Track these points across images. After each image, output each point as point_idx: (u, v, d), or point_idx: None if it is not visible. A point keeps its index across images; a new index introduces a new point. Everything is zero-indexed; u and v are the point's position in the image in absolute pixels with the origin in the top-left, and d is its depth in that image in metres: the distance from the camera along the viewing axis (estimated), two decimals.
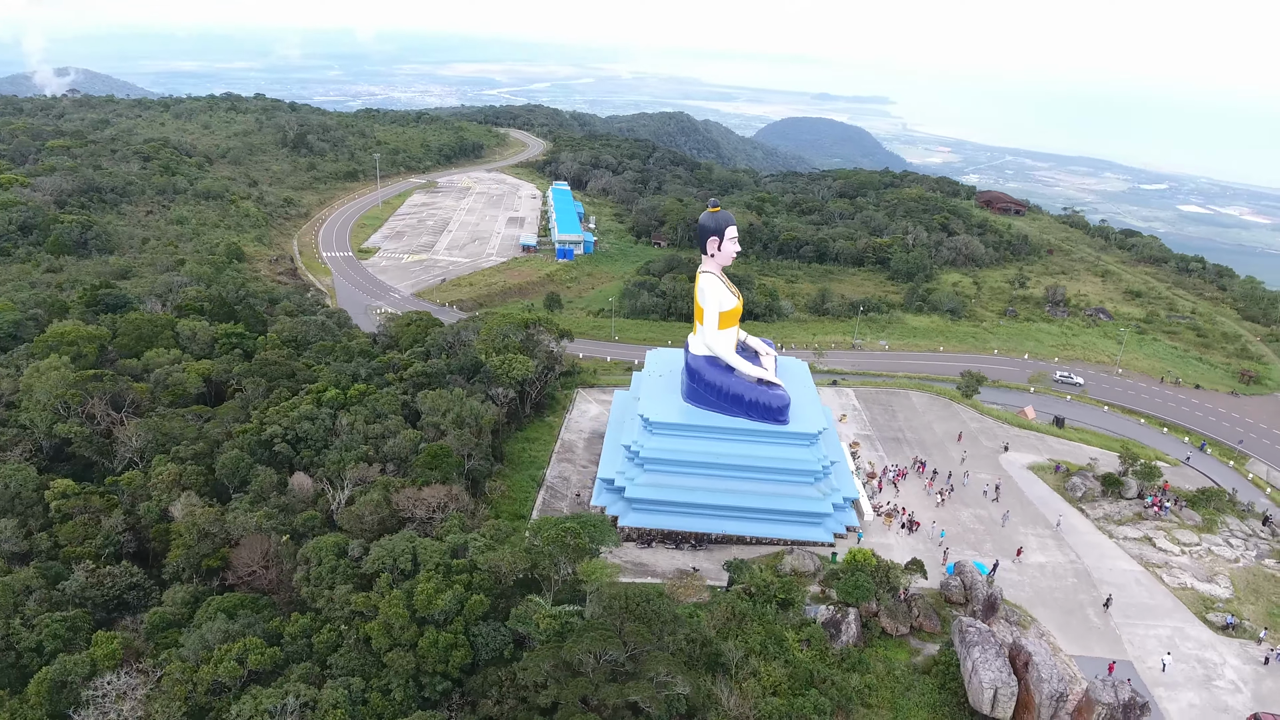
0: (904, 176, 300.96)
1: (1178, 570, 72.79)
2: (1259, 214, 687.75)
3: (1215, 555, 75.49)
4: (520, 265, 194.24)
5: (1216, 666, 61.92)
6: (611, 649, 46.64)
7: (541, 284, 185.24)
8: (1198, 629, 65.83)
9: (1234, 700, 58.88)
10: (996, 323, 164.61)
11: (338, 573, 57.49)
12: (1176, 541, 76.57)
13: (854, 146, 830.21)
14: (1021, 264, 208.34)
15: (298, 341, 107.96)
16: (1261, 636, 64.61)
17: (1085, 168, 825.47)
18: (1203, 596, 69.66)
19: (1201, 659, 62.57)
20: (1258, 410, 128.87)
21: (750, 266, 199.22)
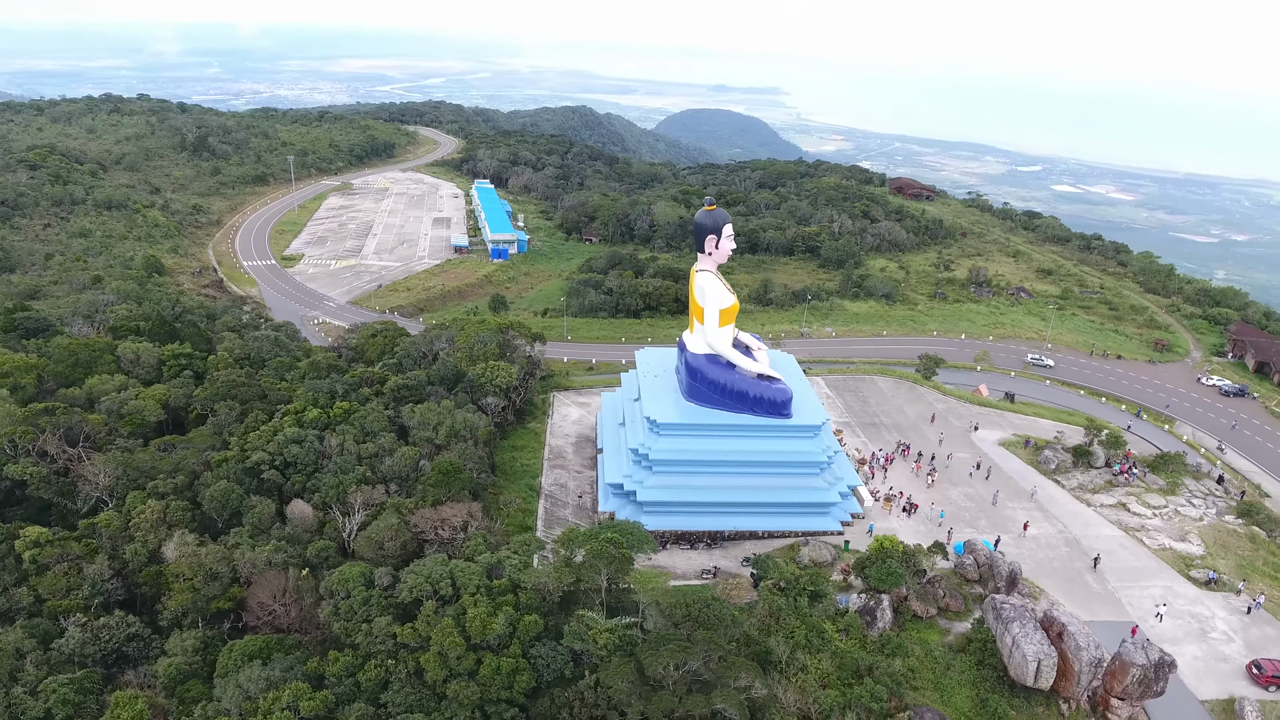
0: (818, 166, 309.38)
1: (1154, 532, 78.02)
2: (1123, 191, 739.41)
3: (1182, 515, 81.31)
4: (455, 267, 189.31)
5: (1208, 620, 66.77)
6: (692, 659, 46.25)
7: (480, 285, 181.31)
8: (1184, 586, 70.79)
9: (1229, 650, 63.66)
10: (929, 305, 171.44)
11: (371, 604, 54.67)
12: (1147, 505, 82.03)
13: (752, 137, 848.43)
14: (940, 248, 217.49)
15: (251, 359, 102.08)
16: (1240, 589, 70.05)
17: (968, 152, 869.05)
18: (1181, 555, 74.92)
19: (1194, 614, 67.34)
20: (1174, 376, 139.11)
21: (683, 259, 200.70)
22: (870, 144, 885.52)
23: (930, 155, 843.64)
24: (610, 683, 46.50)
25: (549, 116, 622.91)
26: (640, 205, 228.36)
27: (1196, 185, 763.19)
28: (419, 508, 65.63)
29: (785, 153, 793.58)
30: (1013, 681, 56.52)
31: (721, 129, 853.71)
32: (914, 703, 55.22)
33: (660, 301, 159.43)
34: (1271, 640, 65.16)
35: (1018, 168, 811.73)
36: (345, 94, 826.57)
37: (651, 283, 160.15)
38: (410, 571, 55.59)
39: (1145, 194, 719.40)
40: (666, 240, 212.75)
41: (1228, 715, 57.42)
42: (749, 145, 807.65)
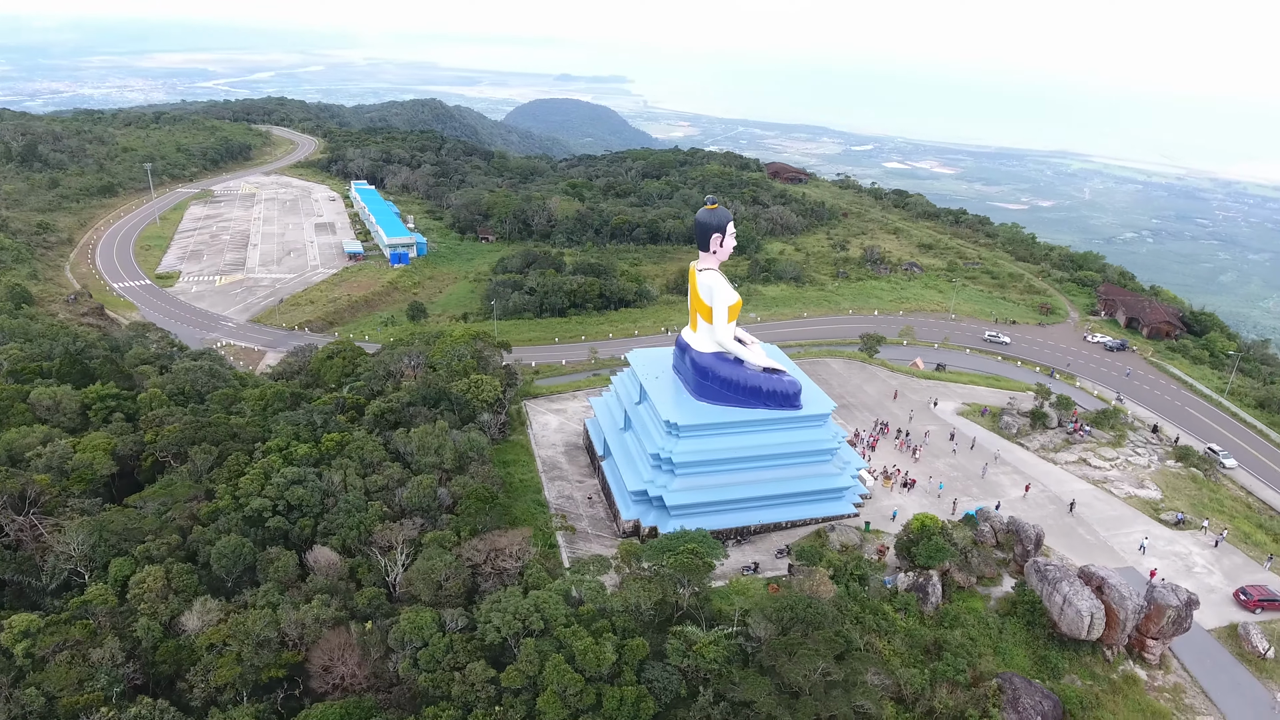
0: (694, 154, 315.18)
1: (1117, 482, 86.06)
2: (945, 166, 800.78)
3: (1133, 464, 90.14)
4: (355, 275, 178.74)
5: (1187, 557, 74.60)
6: (825, 661, 46.62)
7: (387, 293, 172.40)
8: (1158, 528, 78.66)
9: (1212, 581, 71.48)
10: (836, 285, 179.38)
11: (456, 650, 51.27)
12: (1104, 459, 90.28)
13: (602, 125, 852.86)
14: (826, 229, 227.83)
15: (187, 394, 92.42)
16: (1205, 525, 78.65)
17: (806, 134, 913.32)
18: (1146, 501, 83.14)
19: (1175, 553, 75.03)
20: (1062, 336, 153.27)
21: (588, 254, 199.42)
22: (715, 129, 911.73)
23: (771, 138, 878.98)
24: (748, 696, 46.11)
25: (398, 111, 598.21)
26: (535, 201, 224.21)
27: (1006, 158, 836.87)
28: (463, 539, 62.00)
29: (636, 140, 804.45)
30: (1063, 636, 60.94)
31: (571, 118, 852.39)
32: (983, 669, 58.36)
33: (586, 298, 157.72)
34: (1241, 568, 73.76)
35: (851, 147, 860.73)
36: (162, 91, 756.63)
37: (575, 280, 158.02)
38: (492, 609, 52.49)
39: (964, 167, 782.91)
40: (567, 235, 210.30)
41: (1233, 639, 64.62)
42: (600, 134, 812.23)
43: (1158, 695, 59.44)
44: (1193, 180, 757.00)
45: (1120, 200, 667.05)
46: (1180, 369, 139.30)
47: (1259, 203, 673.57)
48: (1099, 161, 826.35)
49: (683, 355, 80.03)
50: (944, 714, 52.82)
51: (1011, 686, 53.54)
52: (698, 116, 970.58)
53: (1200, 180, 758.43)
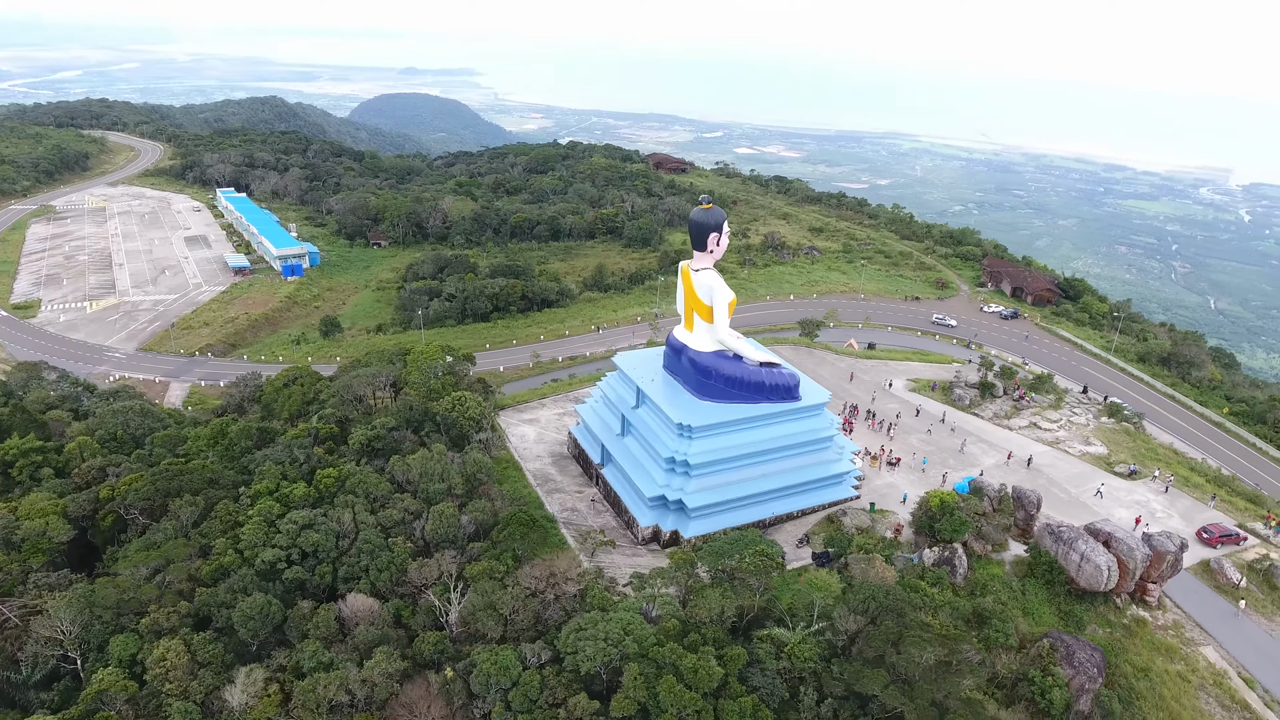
0: (574, 148, 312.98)
1: (1068, 442, 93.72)
2: (791, 149, 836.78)
3: (1075, 424, 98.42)
4: (246, 292, 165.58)
5: (1146, 504, 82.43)
6: (930, 648, 48.17)
7: (287, 309, 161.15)
8: (1116, 481, 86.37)
9: (1173, 524, 79.36)
10: (746, 272, 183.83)
11: (551, 685, 49.03)
12: (1050, 421, 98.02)
13: (454, 120, 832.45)
14: None
15: (120, 439, 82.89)
16: (1155, 475, 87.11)
17: (658, 123, 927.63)
18: (1097, 456, 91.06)
19: (1135, 501, 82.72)
20: (961, 308, 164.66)
21: (491, 254, 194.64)
22: (569, 120, 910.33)
23: (625, 127, 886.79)
24: (868, 689, 46.93)
25: (234, 110, 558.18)
26: (426, 202, 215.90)
27: (845, 140, 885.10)
28: (510, 567, 59.17)
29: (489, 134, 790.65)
30: (1080, 591, 65.96)
31: (421, 113, 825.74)
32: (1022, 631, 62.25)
33: (509, 301, 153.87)
34: (1193, 508, 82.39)
35: (703, 135, 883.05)
36: None
37: (497, 283, 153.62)
38: (578, 638, 50.49)
39: (808, 150, 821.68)
40: (466, 236, 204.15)
41: (1209, 574, 72.18)
42: (452, 128, 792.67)
43: (1164, 633, 65.62)
44: (1008, 156, 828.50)
45: (948, 176, 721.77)
46: (1068, 331, 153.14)
47: (1064, 173, 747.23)
48: (927, 141, 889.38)
49: (679, 356, 79.54)
50: (1007, 678, 55.93)
51: (1063, 644, 57.46)
52: (550, 108, 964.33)
53: (1014, 155, 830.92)
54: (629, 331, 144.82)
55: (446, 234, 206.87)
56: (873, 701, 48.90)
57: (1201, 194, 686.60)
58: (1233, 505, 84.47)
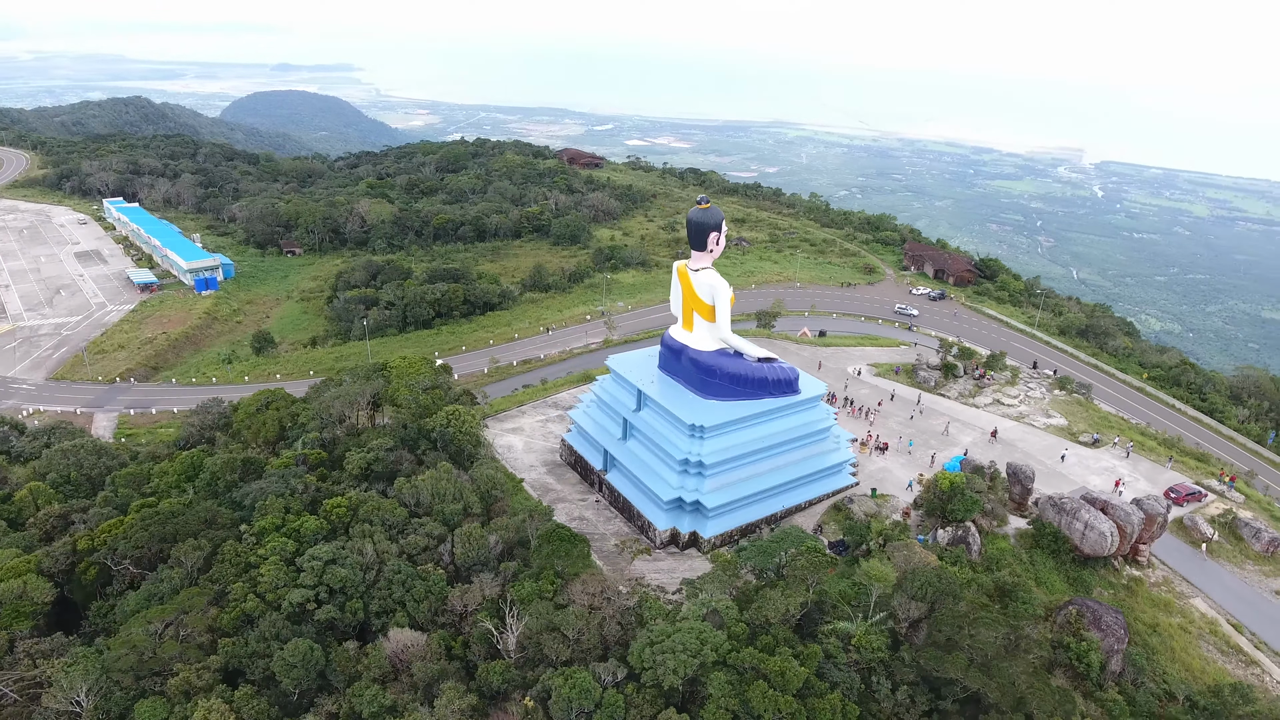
0: (484, 145, 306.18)
1: (1031, 416, 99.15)
2: (681, 140, 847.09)
3: (1033, 399, 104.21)
4: (159, 309, 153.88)
5: (1114, 469, 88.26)
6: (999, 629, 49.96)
7: (207, 326, 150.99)
8: (1082, 450, 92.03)
9: (1141, 486, 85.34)
10: None
11: (637, 703, 48.01)
12: (1010, 397, 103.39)
13: (335, 117, 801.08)
14: (643, 211, 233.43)
15: (74, 482, 75.73)
16: (1116, 441, 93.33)
17: (549, 116, 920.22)
18: (1060, 428, 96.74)
19: (1104, 467, 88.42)
20: (892, 292, 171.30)
21: (417, 257, 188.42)
22: (457, 115, 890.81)
23: (514, 122, 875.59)
24: (950, 673, 48.22)
25: (95, 112, 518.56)
26: (341, 206, 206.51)
27: (733, 130, 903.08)
28: (558, 585, 57.46)
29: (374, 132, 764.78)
30: (1085, 557, 70.01)
31: (300, 112, 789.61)
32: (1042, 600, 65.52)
33: (451, 306, 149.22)
34: (1153, 471, 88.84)
35: (593, 127, 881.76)
36: None
37: (438, 288, 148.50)
38: (654, 652, 49.61)
39: (698, 141, 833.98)
40: (387, 240, 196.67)
41: (1183, 531, 77.98)
42: (334, 126, 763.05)
43: (1158, 590, 70.55)
44: (885, 141, 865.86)
45: (831, 162, 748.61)
46: (992, 309, 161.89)
47: (936, 157, 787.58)
48: (810, 129, 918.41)
49: (678, 356, 79.23)
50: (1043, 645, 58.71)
51: (1089, 609, 60.83)
52: (436, 103, 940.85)
53: (891, 141, 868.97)
54: (580, 331, 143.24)
55: (366, 239, 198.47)
56: (947, 685, 50.39)
57: (1060, 173, 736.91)
58: (1185, 465, 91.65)
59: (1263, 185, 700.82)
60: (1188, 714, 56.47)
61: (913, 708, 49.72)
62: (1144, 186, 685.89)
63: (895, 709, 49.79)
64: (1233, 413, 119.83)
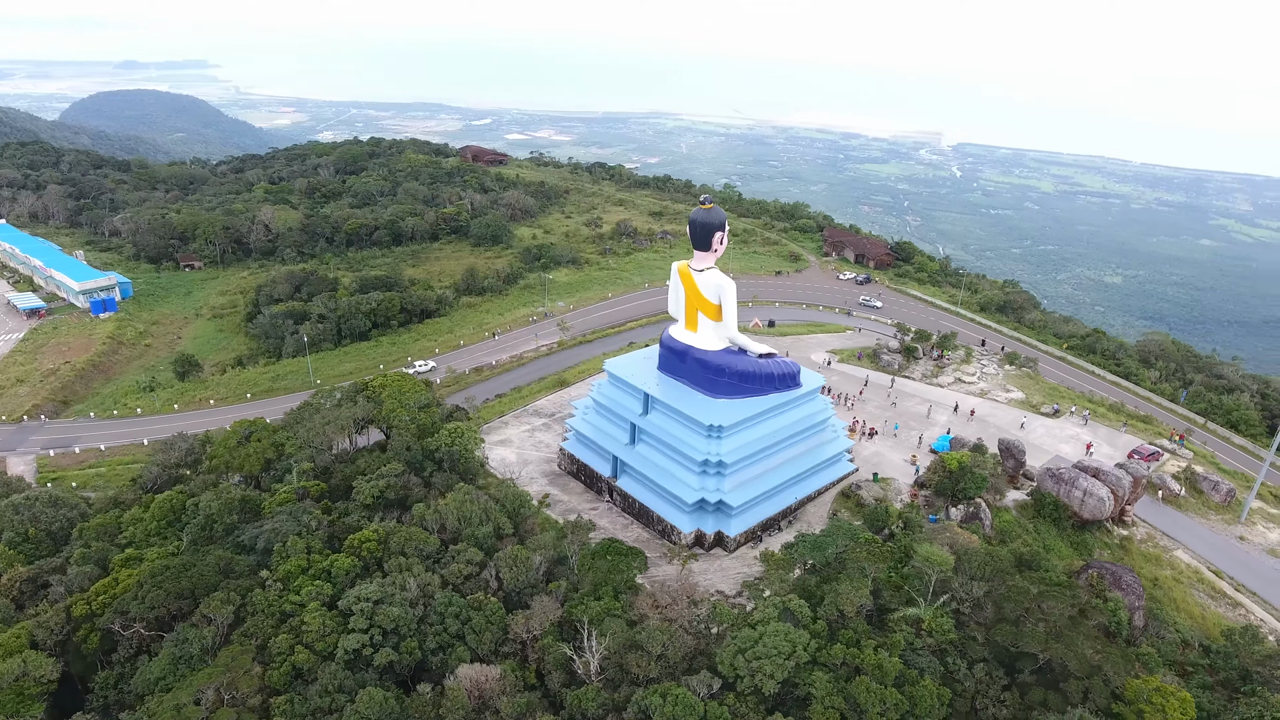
0: (378, 144, 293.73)
1: (992, 392, 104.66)
2: (562, 133, 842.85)
3: (989, 375, 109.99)
4: (54, 336, 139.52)
5: (1078, 437, 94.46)
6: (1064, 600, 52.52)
7: (114, 352, 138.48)
8: (1045, 421, 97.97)
9: (1105, 450, 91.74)
10: (610, 262, 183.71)
11: (741, 712, 47.62)
12: (968, 375, 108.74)
13: (192, 117, 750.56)
14: (559, 208, 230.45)
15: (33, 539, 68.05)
16: (1072, 410, 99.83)
17: (424, 112, 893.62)
18: (1020, 401, 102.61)
19: (1069, 435, 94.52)
20: (817, 278, 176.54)
21: (333, 265, 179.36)
22: (326, 113, 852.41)
23: (388, 118, 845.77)
24: (1031, 647, 50.31)
25: None
26: (241, 214, 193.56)
27: (613, 122, 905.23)
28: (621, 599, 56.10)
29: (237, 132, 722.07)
30: (1084, 522, 74.72)
31: (151, 112, 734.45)
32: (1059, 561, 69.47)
33: (389, 315, 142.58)
34: (1111, 435, 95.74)
35: (471, 122, 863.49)
36: None
37: (374, 297, 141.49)
38: (747, 659, 49.35)
39: (579, 133, 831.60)
40: (297, 249, 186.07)
41: (1152, 488, 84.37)
42: (192, 127, 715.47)
43: (1145, 546, 76.24)
44: (760, 130, 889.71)
45: (710, 152, 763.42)
46: (915, 290, 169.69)
47: (809, 143, 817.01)
48: (688, 119, 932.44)
49: (682, 357, 78.81)
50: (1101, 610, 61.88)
51: (1108, 571, 64.98)
52: (303, 101, 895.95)
53: (766, 129, 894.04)
54: (528, 334, 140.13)
55: (273, 248, 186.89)
56: (1020, 659, 52.67)
57: (922, 155, 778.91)
58: (1135, 428, 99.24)
59: (1098, 161, 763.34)
60: (1205, 659, 61.36)
61: (992, 684, 51.66)
62: (996, 166, 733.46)
63: (976, 687, 51.57)
64: (1145, 375, 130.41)
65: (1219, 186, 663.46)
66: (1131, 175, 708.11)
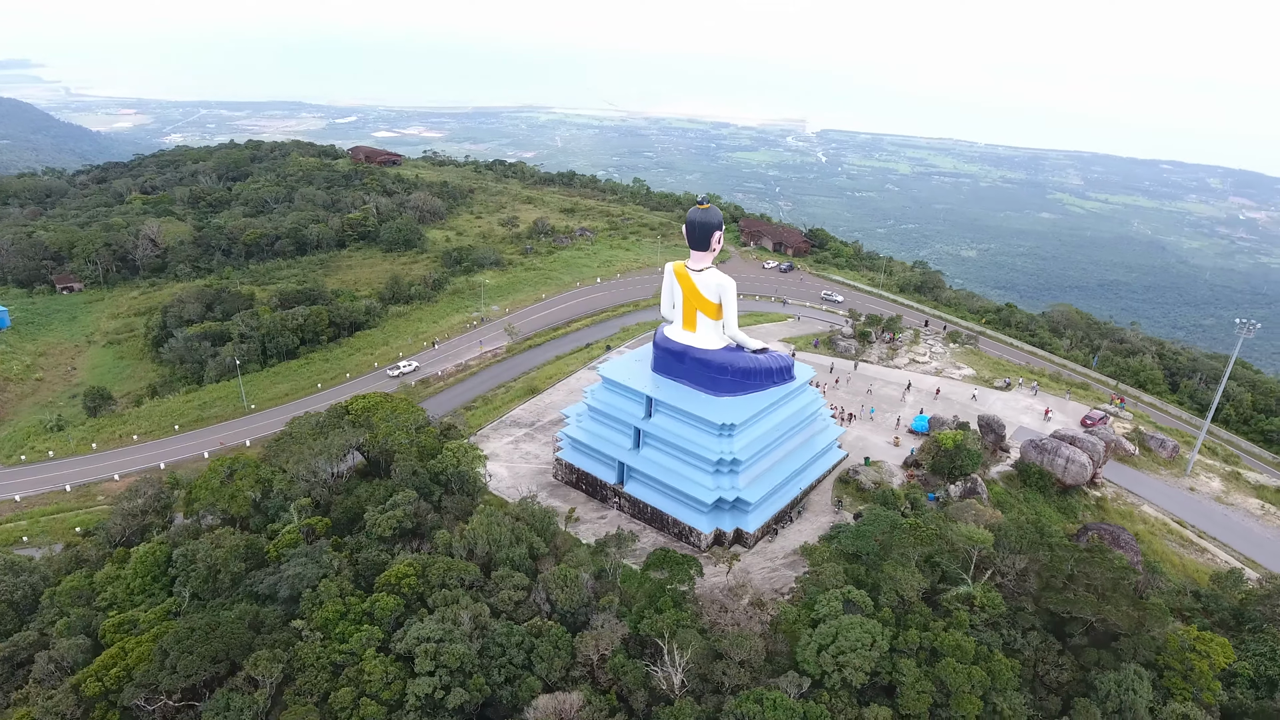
0: (258, 147, 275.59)
1: (947, 370, 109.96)
2: (432, 130, 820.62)
3: (937, 354, 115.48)
4: None
5: (1031, 407, 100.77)
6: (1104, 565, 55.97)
7: (2, 389, 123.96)
8: (998, 394, 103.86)
9: (1059, 418, 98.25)
10: (535, 261, 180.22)
11: (840, 706, 48.08)
12: (920, 355, 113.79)
13: (18, 122, 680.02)
14: (467, 208, 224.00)
15: None
16: (1020, 383, 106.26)
17: (283, 111, 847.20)
18: (974, 377, 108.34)
19: (1025, 406, 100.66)
20: (743, 268, 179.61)
21: (237, 277, 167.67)
22: (172, 114, 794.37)
23: (244, 119, 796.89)
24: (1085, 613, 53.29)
25: None
26: (122, 229, 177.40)
27: (484, 117, 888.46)
28: (696, 618, 55.32)
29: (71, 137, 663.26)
30: (1066, 487, 79.87)
31: None
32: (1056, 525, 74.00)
33: (318, 330, 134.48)
34: (1059, 403, 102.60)
35: (335, 120, 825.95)
36: None
37: (299, 313, 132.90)
38: (832, 654, 49.88)
39: (450, 129, 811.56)
40: (191, 264, 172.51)
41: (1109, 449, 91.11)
42: (18, 133, 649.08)
43: (1117, 504, 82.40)
44: (634, 121, 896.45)
45: (585, 144, 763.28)
46: (836, 275, 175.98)
47: (682, 133, 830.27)
48: (560, 112, 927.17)
49: (680, 358, 78.35)
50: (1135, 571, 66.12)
51: (1106, 531, 69.79)
52: (144, 101, 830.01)
53: (639, 121, 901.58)
54: (469, 340, 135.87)
55: (163, 264, 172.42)
56: (1069, 624, 55.79)
57: (788, 142, 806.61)
58: (1077, 395, 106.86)
59: (949, 144, 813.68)
60: (1197, 603, 67.05)
61: (1048, 650, 54.47)
62: (858, 150, 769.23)
63: (1035, 654, 54.23)
64: (1058, 344, 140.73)
65: (1053, 164, 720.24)
66: (978, 156, 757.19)
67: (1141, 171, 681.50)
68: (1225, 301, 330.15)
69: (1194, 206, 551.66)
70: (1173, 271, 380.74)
